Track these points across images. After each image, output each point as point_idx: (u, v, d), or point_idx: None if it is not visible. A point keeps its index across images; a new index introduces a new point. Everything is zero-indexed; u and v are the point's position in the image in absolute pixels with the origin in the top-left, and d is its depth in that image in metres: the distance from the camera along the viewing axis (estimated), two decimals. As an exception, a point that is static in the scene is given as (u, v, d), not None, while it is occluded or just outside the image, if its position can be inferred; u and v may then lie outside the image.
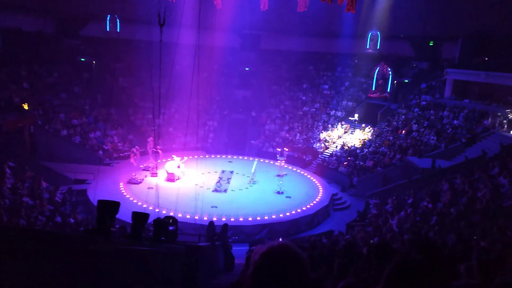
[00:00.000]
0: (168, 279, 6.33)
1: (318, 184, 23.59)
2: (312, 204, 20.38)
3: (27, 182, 16.75)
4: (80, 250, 2.96)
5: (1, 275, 2.01)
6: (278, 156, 24.13)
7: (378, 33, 32.45)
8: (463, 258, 6.52)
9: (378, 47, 32.86)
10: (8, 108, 22.19)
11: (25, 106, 24.05)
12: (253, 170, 22.95)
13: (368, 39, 32.91)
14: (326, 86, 35.07)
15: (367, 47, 33.01)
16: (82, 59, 32.54)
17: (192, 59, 26.15)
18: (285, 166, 24.42)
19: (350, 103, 32.47)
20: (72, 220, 15.22)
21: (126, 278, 4.18)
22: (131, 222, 5.48)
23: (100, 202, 4.37)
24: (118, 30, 32.81)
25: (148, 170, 22.82)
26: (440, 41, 32.93)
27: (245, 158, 27.87)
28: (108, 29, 32.89)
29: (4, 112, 21.14)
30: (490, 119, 23.34)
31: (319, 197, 21.37)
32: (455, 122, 24.91)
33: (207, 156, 27.41)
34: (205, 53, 27.98)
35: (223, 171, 24.31)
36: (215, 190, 21.24)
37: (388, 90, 31.55)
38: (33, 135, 22.57)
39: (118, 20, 32.93)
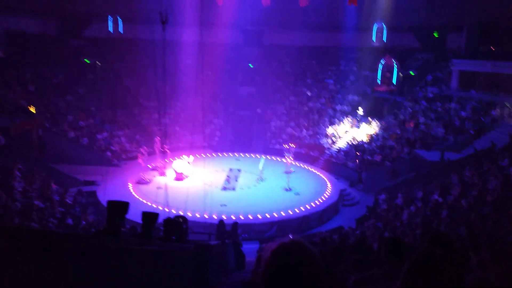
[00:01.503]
0: (179, 277, 6.34)
1: (327, 180, 23.51)
2: (321, 200, 20.32)
3: (36, 184, 16.86)
4: (92, 250, 2.97)
5: (17, 275, 2.01)
6: (285, 152, 24.06)
7: (384, 25, 31.93)
8: (475, 250, 6.46)
9: (384, 40, 32.30)
10: (15, 111, 22.30)
11: (32, 109, 24.19)
12: (260, 167, 22.93)
13: (374, 31, 32.38)
14: (331, 81, 34.89)
15: (373, 40, 32.50)
16: (86, 60, 32.59)
17: (195, 57, 26.38)
18: (293, 162, 24.36)
19: (355, 97, 32.26)
20: (83, 222, 15.32)
21: (137, 278, 4.18)
22: (141, 222, 5.50)
23: (110, 202, 4.40)
24: (120, 31, 32.80)
25: (156, 170, 22.90)
26: (445, 31, 32.52)
27: (252, 155, 27.80)
28: (110, 30, 32.86)
29: (11, 115, 21.25)
30: (498, 110, 23.08)
31: (328, 193, 21.31)
32: (463, 113, 24.66)
33: (214, 155, 27.42)
34: (208, 51, 28.00)
35: (230, 169, 24.31)
36: (224, 189, 21.25)
37: (394, 83, 31.27)
38: (41, 138, 22.71)
39: (120, 20, 32.90)
